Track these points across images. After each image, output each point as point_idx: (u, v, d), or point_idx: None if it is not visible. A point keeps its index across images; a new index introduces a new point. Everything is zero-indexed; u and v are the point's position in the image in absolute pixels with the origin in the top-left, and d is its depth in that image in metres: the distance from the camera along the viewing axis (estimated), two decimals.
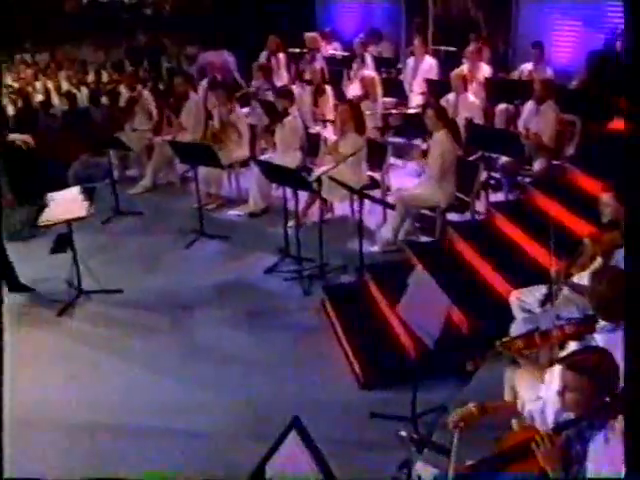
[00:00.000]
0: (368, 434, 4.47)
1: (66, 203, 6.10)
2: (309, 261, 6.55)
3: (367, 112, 7.69)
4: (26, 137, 6.09)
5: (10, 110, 11.88)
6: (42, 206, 6.21)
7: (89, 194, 6.18)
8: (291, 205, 6.72)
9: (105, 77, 14.40)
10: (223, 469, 4.24)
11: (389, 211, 6.56)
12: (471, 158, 7.09)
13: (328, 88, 8.75)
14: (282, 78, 10.38)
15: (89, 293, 6.32)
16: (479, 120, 7.91)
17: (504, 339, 3.67)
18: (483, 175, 6.67)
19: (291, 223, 6.70)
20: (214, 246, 7.28)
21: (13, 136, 6.07)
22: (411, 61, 10.06)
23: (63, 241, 6.07)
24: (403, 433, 4.17)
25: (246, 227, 7.35)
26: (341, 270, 6.52)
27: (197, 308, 6.12)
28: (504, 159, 7.22)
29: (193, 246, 7.27)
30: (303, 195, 6.85)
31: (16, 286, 6.46)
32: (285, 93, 7.43)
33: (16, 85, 14.12)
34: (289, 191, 6.62)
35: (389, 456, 4.18)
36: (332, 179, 6.07)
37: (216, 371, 5.22)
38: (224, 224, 7.47)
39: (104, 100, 12.12)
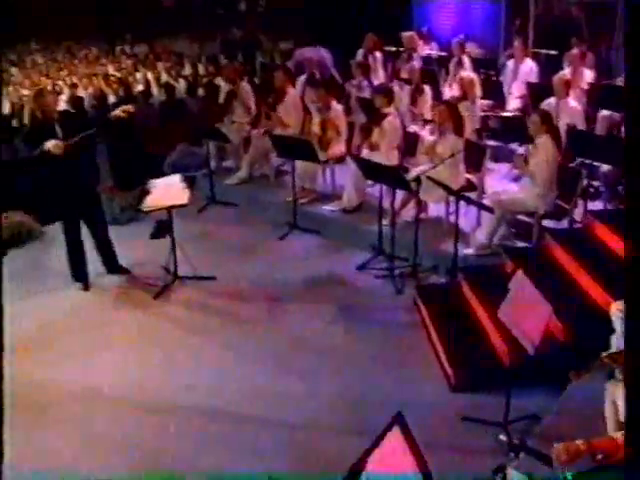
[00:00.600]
0: (458, 437, 4.43)
1: (168, 190, 6.28)
2: (401, 260, 6.55)
3: (465, 113, 7.59)
4: (125, 107, 6.23)
5: (111, 98, 12.30)
6: (143, 192, 6.41)
7: (190, 182, 6.34)
8: (385, 203, 6.73)
9: (201, 70, 14.72)
10: (315, 460, 4.31)
11: (484, 214, 6.47)
12: (572, 165, 6.93)
13: (427, 88, 8.70)
14: (378, 76, 10.38)
15: (184, 279, 6.50)
16: (581, 126, 7.72)
17: (610, 351, 3.58)
18: (583, 182, 6.51)
19: (385, 221, 6.71)
20: (307, 240, 7.36)
21: (114, 113, 6.23)
22: (510, 63, 9.89)
23: (163, 227, 6.25)
24: (503, 437, 4.15)
25: (339, 223, 7.38)
26: (433, 270, 6.50)
27: (289, 300, 6.21)
28: (606, 167, 7.03)
29: (286, 239, 7.39)
30: (398, 194, 6.84)
31: (115, 268, 6.70)
32: (385, 91, 7.42)
33: (117, 74, 14.62)
34: (384, 189, 6.64)
35: (479, 460, 4.18)
36: (431, 179, 6.04)
37: (309, 363, 5.29)
38: (317, 218, 7.53)
39: (200, 92, 12.43)
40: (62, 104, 12.42)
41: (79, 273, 6.51)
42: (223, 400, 4.94)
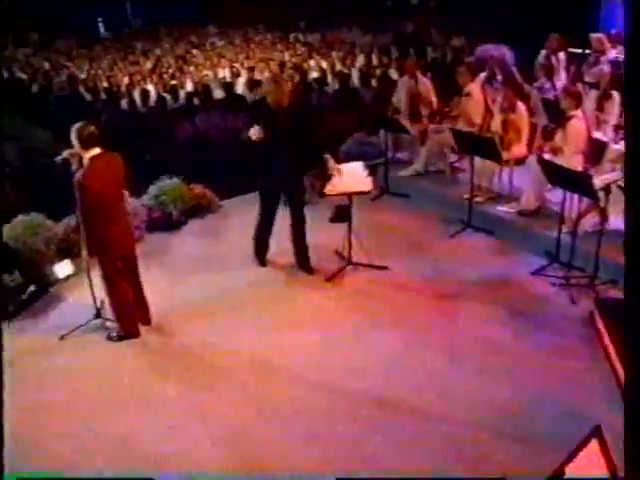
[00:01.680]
0: None
1: (350, 176, 6.36)
2: (578, 270, 6.32)
3: None
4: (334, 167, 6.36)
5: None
6: (323, 176, 6.49)
7: (372, 170, 6.38)
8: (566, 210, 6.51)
9: (374, 61, 14.78)
10: (479, 460, 4.27)
11: None
12: None
13: (615, 93, 8.29)
14: (560, 78, 10.01)
15: (357, 265, 6.57)
16: None
17: None
18: None
19: (565, 228, 6.50)
20: (480, 239, 7.25)
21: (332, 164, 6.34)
22: None
23: (343, 212, 6.36)
24: None
25: (514, 225, 7.18)
26: (611, 284, 6.21)
27: (460, 298, 6.15)
28: None
29: (458, 236, 7.32)
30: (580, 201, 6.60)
31: (303, 263, 6.71)
32: (574, 93, 7.12)
33: (293, 60, 14.97)
34: (567, 195, 6.41)
35: None
36: (623, 190, 5.77)
37: (477, 363, 5.24)
38: (491, 219, 7.37)
39: (373, 83, 12.49)
40: (240, 86, 12.93)
41: (260, 248, 6.73)
42: (390, 388, 4.98)
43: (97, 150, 5.22)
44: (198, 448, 4.48)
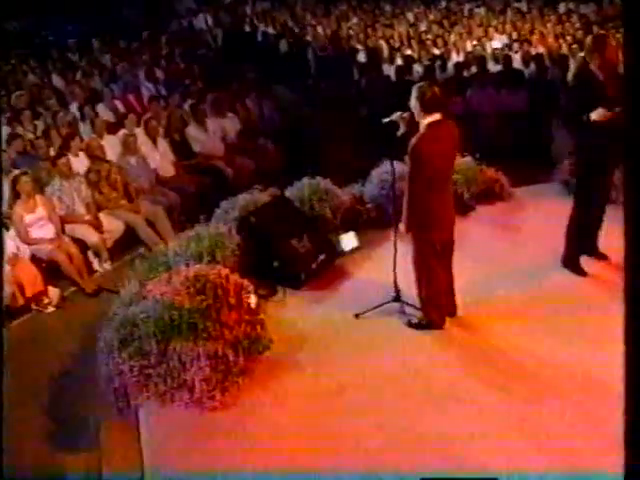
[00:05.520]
0: None
1: None
2: None
3: None
4: None
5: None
6: None
7: None
8: None
9: None
10: None
11: None
12: None
13: None
14: None
15: None
16: None
17: None
18: None
19: None
20: None
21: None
22: None
23: None
24: None
25: None
26: None
27: None
28: None
29: None
30: None
31: (591, 250, 6.38)
32: None
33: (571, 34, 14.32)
34: None
35: None
36: None
37: None
38: None
39: None
40: (515, 60, 12.49)
41: (581, 249, 6.28)
42: None
43: (437, 116, 5.02)
44: (528, 463, 4.19)
